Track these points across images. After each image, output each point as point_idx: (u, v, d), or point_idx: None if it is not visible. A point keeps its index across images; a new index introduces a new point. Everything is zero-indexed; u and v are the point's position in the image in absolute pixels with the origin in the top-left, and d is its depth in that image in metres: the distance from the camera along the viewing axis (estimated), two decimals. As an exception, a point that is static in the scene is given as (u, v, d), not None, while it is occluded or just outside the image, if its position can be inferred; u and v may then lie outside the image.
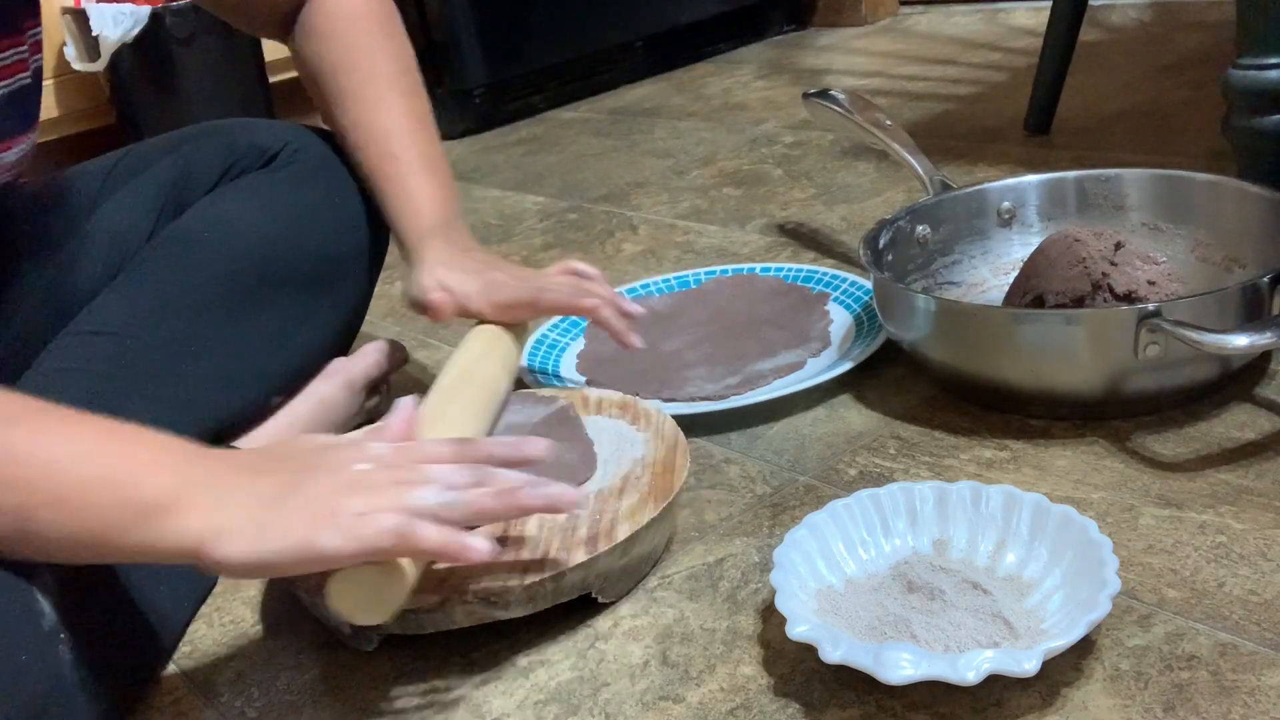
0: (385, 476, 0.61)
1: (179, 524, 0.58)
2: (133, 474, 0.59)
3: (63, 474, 0.58)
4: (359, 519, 0.58)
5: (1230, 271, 0.92)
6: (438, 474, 0.61)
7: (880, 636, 0.62)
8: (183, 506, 0.58)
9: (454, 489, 0.60)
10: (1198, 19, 1.90)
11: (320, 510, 0.58)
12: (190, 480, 0.60)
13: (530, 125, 2.06)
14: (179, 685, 0.73)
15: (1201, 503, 0.73)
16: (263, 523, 0.58)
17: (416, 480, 0.60)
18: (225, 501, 0.59)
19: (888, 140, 1.13)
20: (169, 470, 0.60)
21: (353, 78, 0.90)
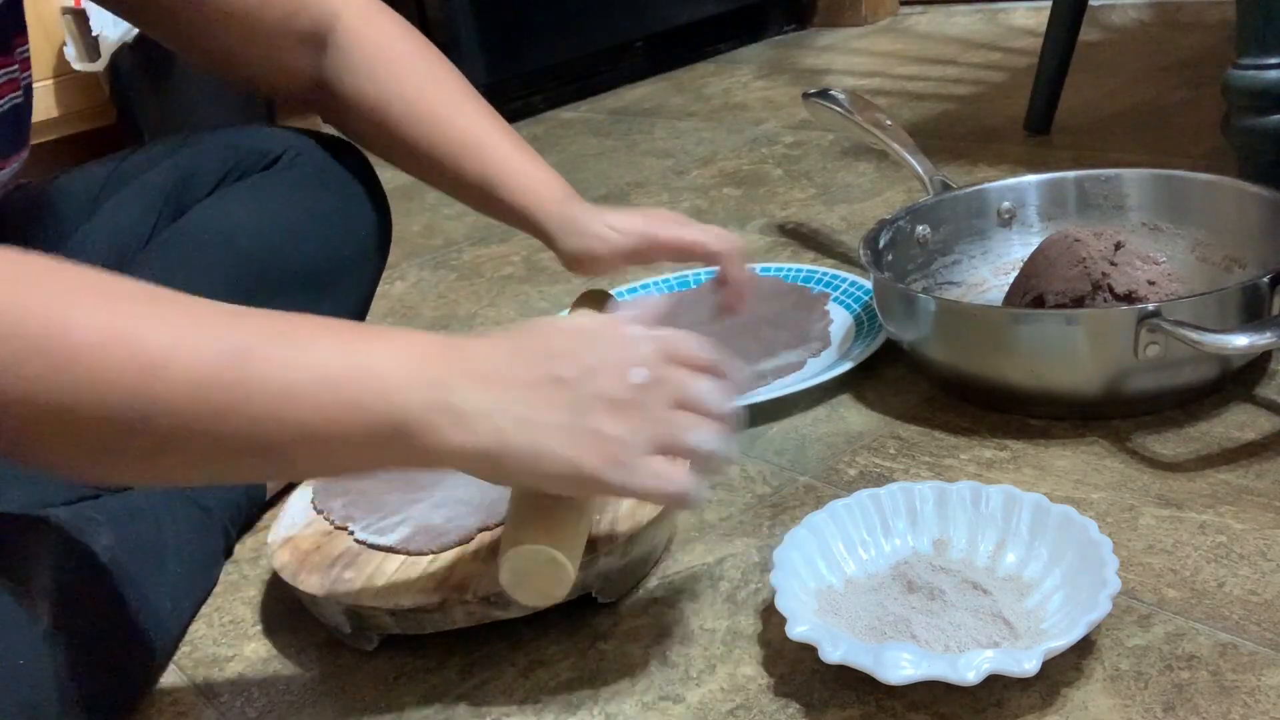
0: (661, 396, 0.58)
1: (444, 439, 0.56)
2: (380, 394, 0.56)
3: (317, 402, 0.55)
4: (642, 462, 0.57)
5: (1230, 271, 0.92)
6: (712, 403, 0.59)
7: (880, 636, 0.62)
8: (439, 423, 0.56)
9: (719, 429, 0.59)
10: (1198, 19, 1.90)
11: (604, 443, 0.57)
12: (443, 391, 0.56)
13: (530, 125, 2.06)
14: (179, 685, 0.73)
15: (1201, 503, 0.73)
16: (539, 445, 0.56)
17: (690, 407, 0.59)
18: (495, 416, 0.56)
19: (888, 140, 1.13)
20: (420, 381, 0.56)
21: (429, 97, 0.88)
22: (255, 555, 0.85)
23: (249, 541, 0.87)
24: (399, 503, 0.77)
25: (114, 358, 0.51)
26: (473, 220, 1.57)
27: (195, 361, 0.53)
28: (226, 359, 0.53)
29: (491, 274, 1.36)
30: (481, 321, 1.22)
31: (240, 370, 0.53)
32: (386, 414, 0.55)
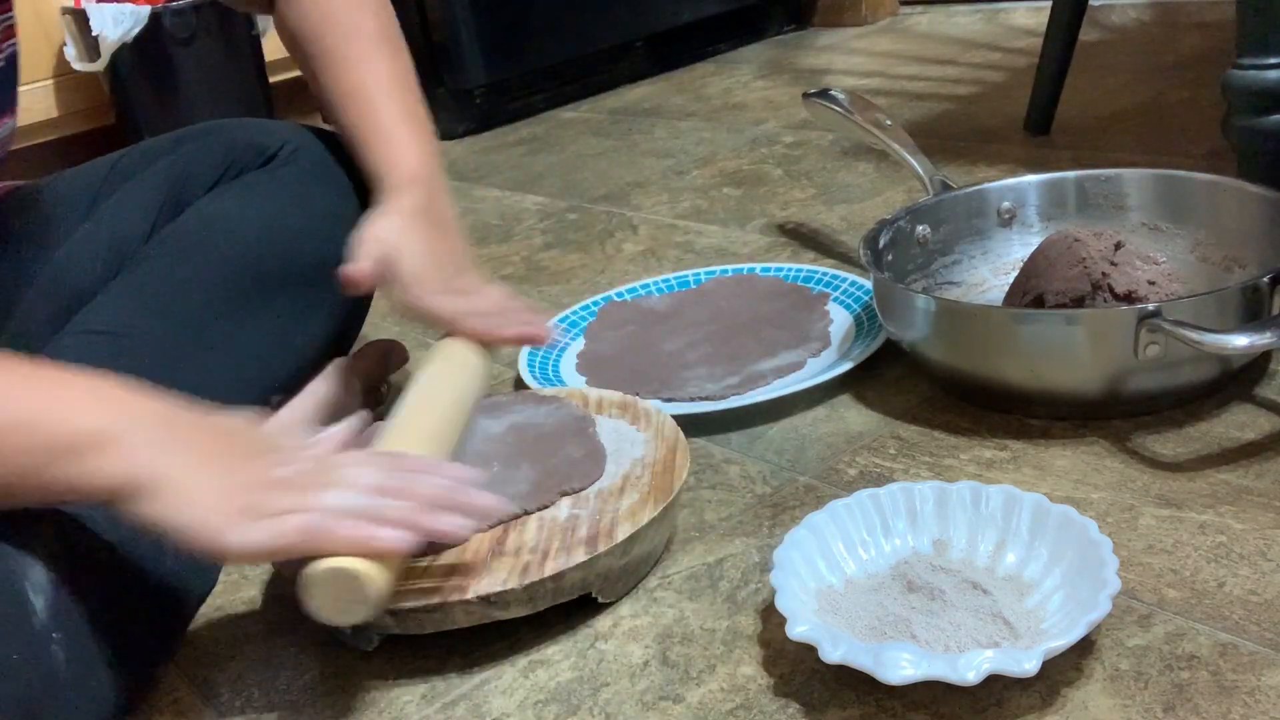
0: (305, 479, 0.63)
1: (106, 463, 0.59)
2: (58, 414, 0.60)
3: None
4: (271, 520, 0.60)
5: (1230, 271, 0.92)
6: (354, 477, 0.63)
7: (880, 636, 0.62)
8: (112, 447, 0.60)
9: (368, 495, 0.62)
10: (1198, 19, 1.90)
11: (237, 502, 0.60)
12: (126, 421, 0.61)
13: (530, 125, 2.06)
14: (179, 685, 0.73)
15: (1201, 503, 0.73)
16: (185, 490, 0.60)
17: (332, 483, 0.62)
18: (156, 454, 0.61)
19: (888, 140, 1.13)
20: (103, 409, 0.61)
21: (334, 37, 0.90)
22: (255, 555, 0.85)
23: (249, 541, 0.87)
24: None
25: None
26: (472, 220, 1.57)
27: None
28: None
29: (491, 274, 1.36)
30: (481, 321, 1.22)
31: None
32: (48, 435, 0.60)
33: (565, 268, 1.34)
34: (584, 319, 1.12)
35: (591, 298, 1.16)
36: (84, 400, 0.62)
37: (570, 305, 1.17)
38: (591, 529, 0.72)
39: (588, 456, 0.78)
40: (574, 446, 0.79)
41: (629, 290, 1.17)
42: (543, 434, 0.81)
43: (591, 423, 0.82)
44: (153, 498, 0.60)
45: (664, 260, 1.31)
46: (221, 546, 0.60)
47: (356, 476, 0.63)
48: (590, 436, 0.81)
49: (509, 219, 1.55)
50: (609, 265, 1.32)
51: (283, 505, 0.61)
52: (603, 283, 1.27)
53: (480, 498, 0.65)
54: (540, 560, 0.69)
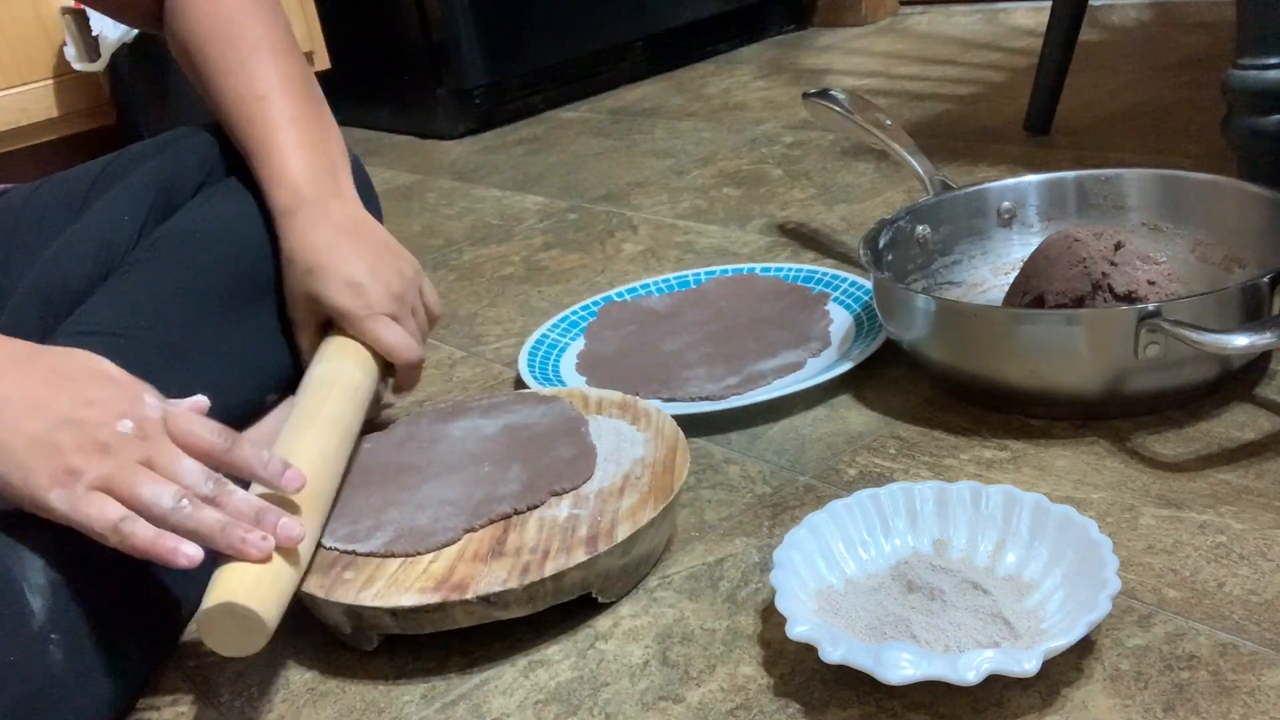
0: (136, 450, 0.62)
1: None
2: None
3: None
4: (89, 494, 0.60)
5: (1230, 271, 0.92)
6: (182, 474, 0.63)
7: (880, 636, 0.62)
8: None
9: (190, 501, 0.62)
10: (1198, 19, 1.90)
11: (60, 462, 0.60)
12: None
13: (530, 125, 2.06)
14: (179, 685, 0.73)
15: (1201, 503, 0.73)
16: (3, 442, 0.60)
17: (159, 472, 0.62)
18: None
19: (888, 140, 1.13)
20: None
21: (217, 44, 0.88)
22: (255, 555, 0.85)
23: (249, 541, 0.87)
24: (378, 506, 0.76)
25: None
26: (473, 220, 1.57)
27: None
28: None
29: (491, 274, 1.36)
30: (482, 321, 1.22)
31: None
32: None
33: (565, 268, 1.34)
34: (584, 319, 1.12)
35: (591, 298, 1.16)
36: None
37: (570, 305, 1.17)
38: (591, 529, 0.72)
39: (579, 456, 0.78)
40: (565, 446, 0.79)
41: (629, 290, 1.17)
42: (535, 434, 0.81)
43: (584, 423, 0.82)
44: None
45: (664, 260, 1.31)
46: (38, 504, 0.61)
47: (184, 473, 0.63)
48: (582, 436, 0.81)
49: (509, 219, 1.55)
50: (609, 265, 1.32)
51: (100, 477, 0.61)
52: (603, 283, 1.27)
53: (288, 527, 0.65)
54: (540, 560, 0.69)
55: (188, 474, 0.64)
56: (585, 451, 0.79)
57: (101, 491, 0.61)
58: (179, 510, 0.62)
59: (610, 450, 0.80)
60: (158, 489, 0.62)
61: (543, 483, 0.76)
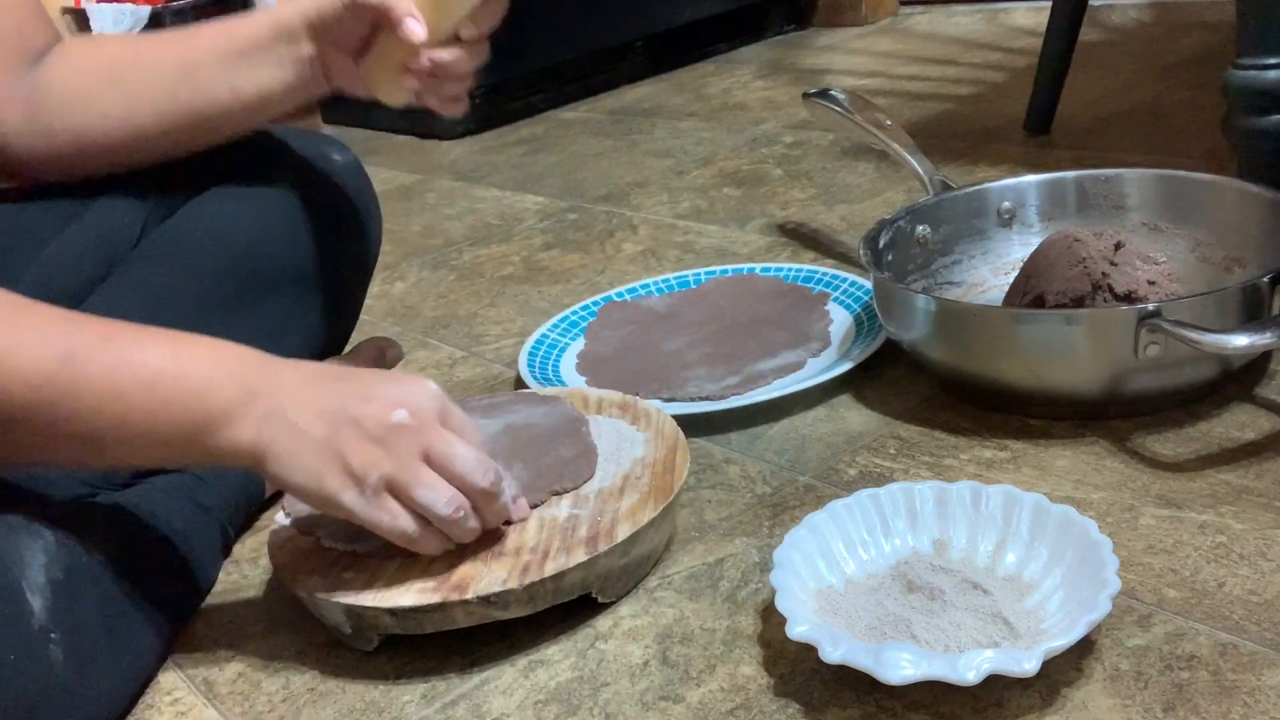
0: (412, 441, 0.65)
1: (231, 437, 0.64)
2: (195, 391, 0.64)
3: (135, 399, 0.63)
4: (378, 498, 0.65)
5: (1230, 271, 0.92)
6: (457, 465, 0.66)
7: (880, 636, 0.62)
8: (237, 420, 0.64)
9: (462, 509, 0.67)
10: (1198, 19, 1.90)
11: (346, 465, 0.64)
12: (249, 394, 0.65)
13: (530, 125, 2.06)
14: (179, 685, 0.73)
15: (1201, 503, 0.73)
16: (295, 453, 0.64)
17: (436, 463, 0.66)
18: (271, 423, 0.64)
19: (888, 140, 1.13)
20: (231, 384, 0.65)
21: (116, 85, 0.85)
22: (255, 555, 0.85)
23: (249, 541, 0.87)
24: None
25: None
26: (473, 220, 1.57)
27: (31, 362, 0.61)
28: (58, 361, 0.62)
29: (491, 274, 1.36)
30: (481, 321, 1.22)
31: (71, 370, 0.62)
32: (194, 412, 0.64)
33: (565, 268, 1.34)
34: (584, 319, 1.12)
35: (591, 298, 1.16)
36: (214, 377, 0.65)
37: (570, 305, 1.17)
38: (591, 529, 0.72)
39: (580, 457, 0.78)
40: (566, 446, 0.79)
41: (629, 290, 1.17)
42: (537, 434, 0.81)
43: (584, 423, 0.82)
44: (272, 461, 0.65)
45: (664, 260, 1.31)
46: (340, 506, 0.65)
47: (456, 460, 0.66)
48: (583, 436, 0.81)
49: (509, 219, 1.55)
50: (609, 265, 1.32)
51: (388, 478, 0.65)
52: (603, 283, 1.27)
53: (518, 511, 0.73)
54: (540, 560, 0.69)
55: (462, 463, 0.66)
56: (586, 451, 0.79)
57: (388, 493, 0.66)
58: (451, 519, 0.67)
59: (610, 450, 0.80)
60: (432, 495, 0.66)
61: (543, 482, 0.76)
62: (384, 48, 0.83)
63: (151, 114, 0.85)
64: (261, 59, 0.84)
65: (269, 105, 0.86)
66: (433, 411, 0.67)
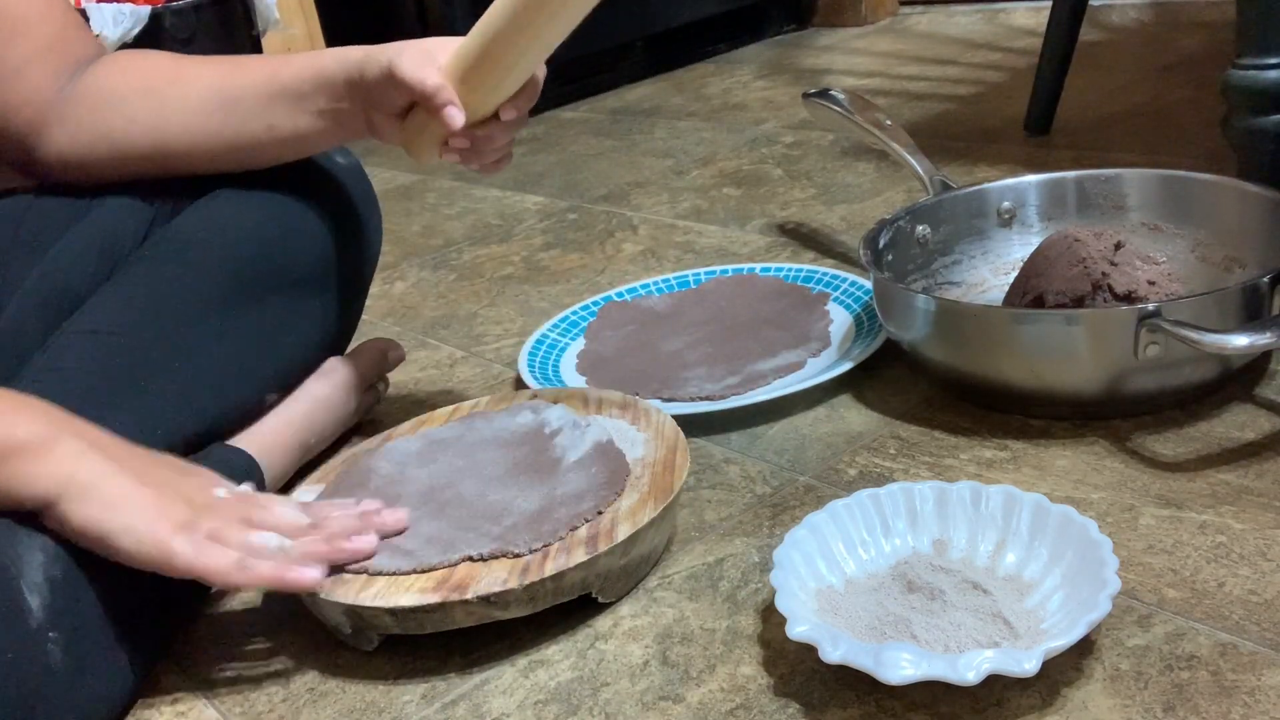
0: (234, 509, 0.68)
1: (38, 469, 0.62)
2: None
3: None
4: (209, 543, 0.65)
5: (1230, 271, 0.92)
6: (279, 520, 0.69)
7: (880, 636, 0.62)
8: (45, 453, 0.62)
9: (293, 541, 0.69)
10: (1198, 19, 1.90)
11: (177, 513, 0.65)
12: (59, 431, 0.64)
13: (530, 125, 2.06)
14: (179, 685, 0.73)
15: (1201, 503, 0.73)
16: (122, 496, 0.63)
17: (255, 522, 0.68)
18: (90, 460, 0.63)
19: (888, 140, 1.13)
20: (39, 419, 0.64)
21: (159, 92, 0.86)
22: (255, 555, 0.85)
23: (249, 541, 0.87)
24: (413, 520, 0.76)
25: None
26: (473, 220, 1.57)
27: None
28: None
29: (491, 274, 1.36)
30: (481, 321, 1.22)
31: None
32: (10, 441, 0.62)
33: (565, 268, 1.34)
34: (584, 319, 1.12)
35: (591, 298, 1.16)
36: (19, 412, 0.65)
37: (570, 305, 1.17)
38: (591, 529, 0.72)
39: (608, 481, 0.76)
40: (577, 476, 0.77)
41: (629, 290, 1.17)
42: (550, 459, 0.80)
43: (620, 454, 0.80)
44: (89, 500, 0.62)
45: (664, 260, 1.31)
46: (168, 554, 0.63)
47: (277, 517, 0.69)
48: (617, 460, 0.78)
49: (509, 219, 1.55)
50: (609, 265, 1.32)
51: (213, 529, 0.66)
52: (603, 283, 1.27)
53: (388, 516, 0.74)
54: (540, 560, 0.69)
55: (284, 518, 0.70)
56: (616, 474, 0.77)
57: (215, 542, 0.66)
58: (284, 549, 0.68)
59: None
60: (262, 536, 0.67)
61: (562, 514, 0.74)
62: (424, 120, 0.83)
63: (181, 131, 0.86)
64: (301, 105, 0.84)
65: (303, 146, 0.87)
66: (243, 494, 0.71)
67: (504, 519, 0.73)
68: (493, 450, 0.82)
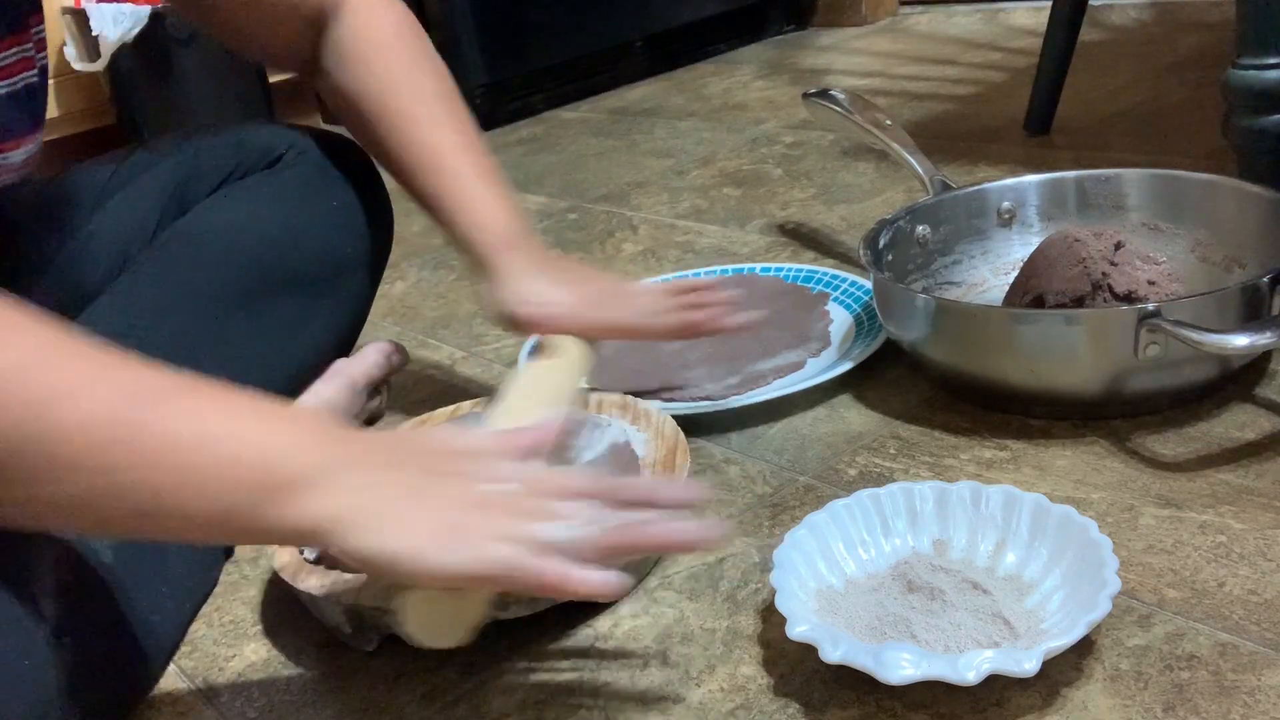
0: (515, 503, 0.58)
1: (305, 505, 0.56)
2: (266, 454, 0.56)
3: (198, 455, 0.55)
4: (477, 543, 0.56)
5: (1230, 271, 0.92)
6: (568, 510, 0.57)
7: (880, 636, 0.62)
8: (312, 488, 0.56)
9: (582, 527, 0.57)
10: (1198, 19, 1.90)
11: (442, 522, 0.56)
12: (325, 462, 0.57)
13: (530, 125, 2.06)
14: (179, 685, 0.73)
15: (1201, 503, 0.73)
16: (385, 520, 0.56)
17: (545, 514, 0.57)
18: (356, 489, 0.57)
19: (888, 140, 1.13)
20: (307, 451, 0.58)
21: (400, 99, 0.87)
22: (255, 555, 0.85)
23: (249, 541, 0.87)
24: None
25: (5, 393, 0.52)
26: (473, 220, 1.57)
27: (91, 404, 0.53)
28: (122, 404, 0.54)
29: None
30: (482, 321, 1.22)
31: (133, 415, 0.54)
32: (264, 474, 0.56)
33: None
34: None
35: (591, 298, 1.16)
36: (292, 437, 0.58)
37: (570, 305, 1.17)
38: (591, 529, 0.71)
39: None
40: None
41: (629, 290, 1.17)
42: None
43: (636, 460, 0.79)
44: (357, 531, 0.56)
45: (664, 260, 1.31)
46: (422, 566, 0.55)
47: (571, 511, 0.57)
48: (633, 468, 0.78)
49: (509, 219, 1.55)
50: (609, 265, 1.32)
51: (490, 530, 0.56)
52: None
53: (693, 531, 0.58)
54: (540, 560, 0.69)
55: (574, 509, 0.58)
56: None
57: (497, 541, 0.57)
58: (576, 539, 0.56)
59: (610, 450, 0.80)
60: (549, 526, 0.57)
61: None
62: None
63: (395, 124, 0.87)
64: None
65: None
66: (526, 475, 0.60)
67: None
68: None
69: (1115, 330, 0.78)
